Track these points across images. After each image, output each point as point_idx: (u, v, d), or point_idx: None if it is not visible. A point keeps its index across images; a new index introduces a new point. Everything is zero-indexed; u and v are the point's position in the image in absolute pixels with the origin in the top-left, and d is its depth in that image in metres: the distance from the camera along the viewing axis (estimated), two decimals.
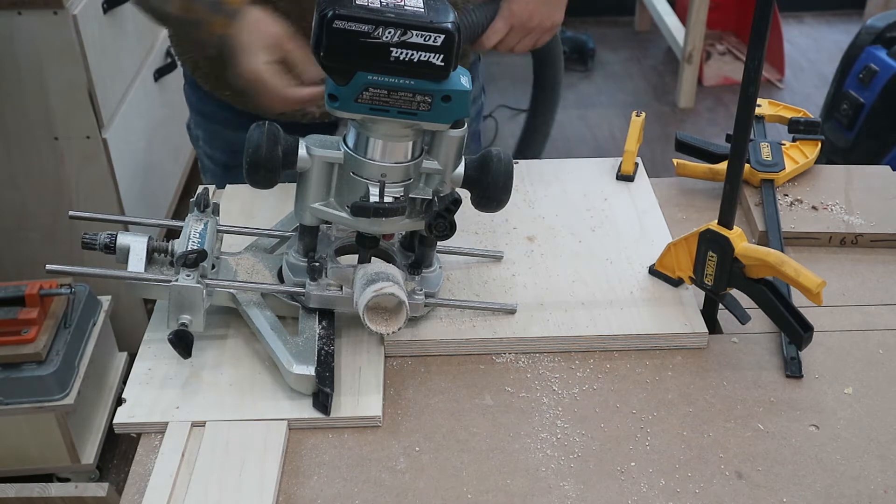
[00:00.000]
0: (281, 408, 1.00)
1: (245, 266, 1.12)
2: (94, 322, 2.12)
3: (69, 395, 1.96)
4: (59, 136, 2.10)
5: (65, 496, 1.90)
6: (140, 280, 1.04)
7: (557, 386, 1.05)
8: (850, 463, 0.96)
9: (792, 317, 1.04)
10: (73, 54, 2.00)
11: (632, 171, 1.38)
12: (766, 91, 3.76)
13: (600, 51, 4.11)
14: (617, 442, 0.99)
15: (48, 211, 2.19)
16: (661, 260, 1.17)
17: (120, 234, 1.06)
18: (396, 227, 1.06)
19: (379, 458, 0.97)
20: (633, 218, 1.30)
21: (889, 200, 1.35)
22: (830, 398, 1.04)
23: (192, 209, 1.11)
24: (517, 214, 1.30)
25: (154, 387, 1.03)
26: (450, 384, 1.06)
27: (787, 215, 1.31)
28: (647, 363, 1.08)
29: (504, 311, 1.13)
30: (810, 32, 4.32)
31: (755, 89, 0.96)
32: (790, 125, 1.44)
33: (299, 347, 1.02)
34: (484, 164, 1.05)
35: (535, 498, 0.93)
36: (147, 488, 0.92)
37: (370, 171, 1.00)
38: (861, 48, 2.76)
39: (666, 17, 3.90)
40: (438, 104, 0.96)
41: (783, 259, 1.03)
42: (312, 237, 1.08)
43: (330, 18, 0.90)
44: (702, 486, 0.94)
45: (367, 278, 1.02)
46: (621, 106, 3.73)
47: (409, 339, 1.09)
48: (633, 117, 1.40)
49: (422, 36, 0.91)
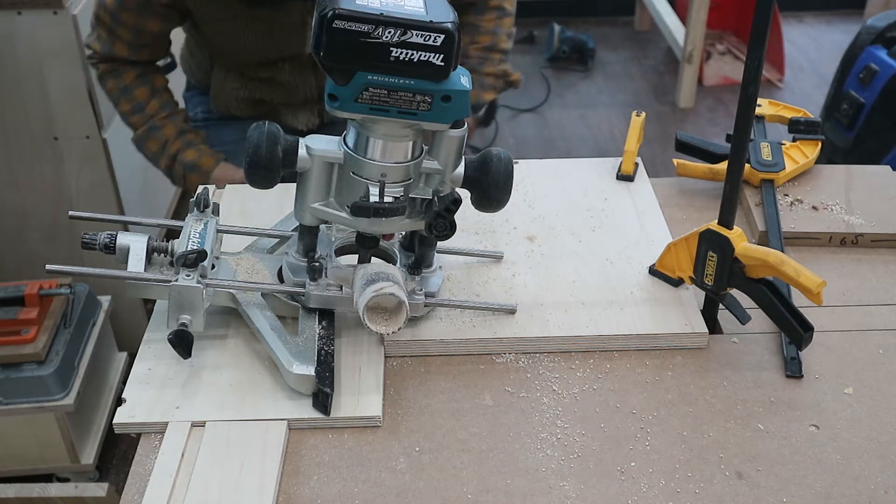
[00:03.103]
0: (281, 408, 1.00)
1: (245, 266, 1.12)
2: (93, 322, 2.12)
3: (69, 395, 1.96)
4: (59, 137, 2.10)
5: (64, 496, 1.90)
6: (140, 280, 1.04)
7: (557, 386, 1.05)
8: (850, 463, 0.96)
9: (792, 317, 1.04)
10: (73, 54, 2.00)
11: (632, 171, 1.38)
12: (766, 91, 3.76)
13: (600, 51, 4.11)
14: (617, 442, 0.98)
15: (48, 211, 2.19)
16: (661, 260, 1.17)
17: (120, 234, 1.06)
18: (396, 227, 1.06)
19: (379, 458, 0.97)
20: (633, 218, 1.30)
21: (889, 200, 1.34)
22: (830, 398, 1.04)
23: (192, 209, 1.11)
24: (517, 214, 1.30)
25: (154, 387, 1.03)
26: (450, 384, 1.06)
27: (788, 215, 1.31)
28: (647, 363, 1.08)
29: (504, 311, 1.13)
30: (810, 32, 4.32)
31: (755, 89, 0.96)
32: (790, 125, 1.44)
33: (299, 347, 1.02)
34: (484, 164, 1.05)
35: (535, 498, 0.93)
36: (147, 488, 0.92)
37: (370, 171, 1.00)
38: (861, 48, 2.76)
39: (666, 17, 3.90)
40: (438, 104, 0.96)
41: (783, 259, 1.03)
42: (312, 237, 1.08)
43: (330, 18, 0.90)
44: (702, 486, 0.94)
45: (367, 278, 1.02)
46: (621, 106, 3.72)
47: (409, 339, 1.09)
48: (633, 117, 1.40)
49: (422, 36, 0.91)
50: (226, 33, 1.64)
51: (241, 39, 1.63)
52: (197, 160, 1.67)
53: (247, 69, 1.71)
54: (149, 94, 1.69)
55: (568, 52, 3.99)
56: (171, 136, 1.68)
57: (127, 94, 1.68)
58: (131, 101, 1.68)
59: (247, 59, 1.68)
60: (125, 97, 1.69)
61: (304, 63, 1.69)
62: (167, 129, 1.68)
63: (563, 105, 3.74)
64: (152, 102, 1.69)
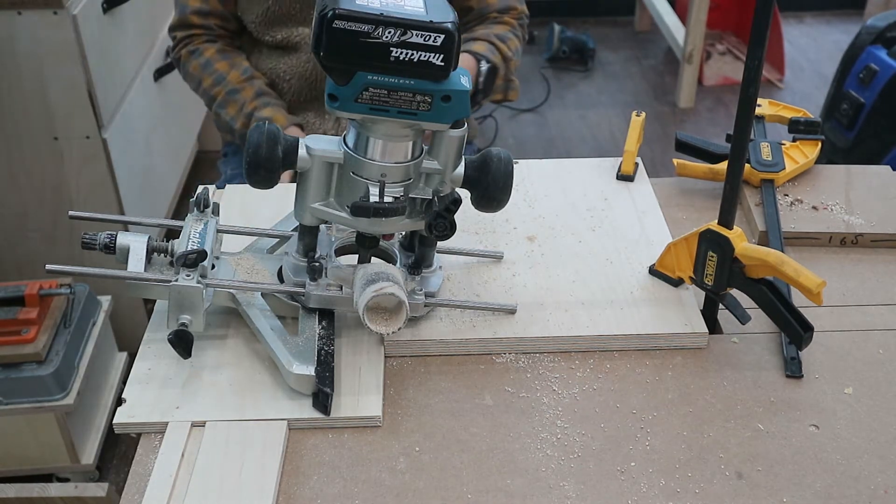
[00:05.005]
0: (281, 408, 1.00)
1: (245, 266, 1.12)
2: (93, 322, 2.12)
3: (69, 395, 1.96)
4: (59, 136, 2.09)
5: (64, 496, 1.90)
6: (140, 280, 1.04)
7: (557, 386, 1.05)
8: (850, 463, 0.96)
9: (792, 317, 1.04)
10: (72, 54, 2.00)
11: (632, 171, 1.38)
12: (766, 91, 3.76)
13: (600, 51, 4.11)
14: (617, 442, 0.98)
15: (48, 211, 2.19)
16: (661, 260, 1.17)
17: (120, 234, 1.06)
18: (396, 227, 1.06)
19: (379, 458, 0.97)
20: (633, 218, 1.30)
21: (889, 200, 1.35)
22: (830, 398, 1.04)
23: (192, 209, 1.11)
24: (517, 214, 1.30)
25: (154, 387, 1.03)
26: (450, 384, 1.06)
27: (788, 215, 1.31)
28: (647, 363, 1.08)
29: (504, 311, 1.13)
30: (810, 32, 4.32)
31: (755, 89, 0.96)
32: (790, 125, 1.44)
33: (299, 347, 1.02)
34: (484, 164, 1.05)
35: (535, 498, 0.93)
36: (147, 488, 0.92)
37: (370, 171, 1.00)
38: (861, 48, 2.76)
39: (666, 17, 3.90)
40: (438, 104, 0.96)
41: (783, 259, 1.03)
42: (312, 237, 1.08)
43: (330, 18, 0.90)
44: (702, 486, 0.94)
45: (367, 278, 1.02)
46: (621, 106, 3.72)
47: (409, 339, 1.09)
48: (633, 117, 1.40)
49: (422, 36, 0.91)
50: None
51: None
52: (271, 116, 1.68)
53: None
54: (228, 66, 1.72)
55: (568, 52, 3.99)
56: (248, 97, 1.70)
57: (209, 69, 1.72)
58: (213, 74, 1.72)
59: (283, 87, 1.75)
60: (207, 72, 1.72)
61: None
62: (245, 91, 1.70)
63: (563, 105, 3.74)
64: (233, 73, 1.72)
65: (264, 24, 1.72)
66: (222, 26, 1.75)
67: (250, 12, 1.72)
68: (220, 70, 1.72)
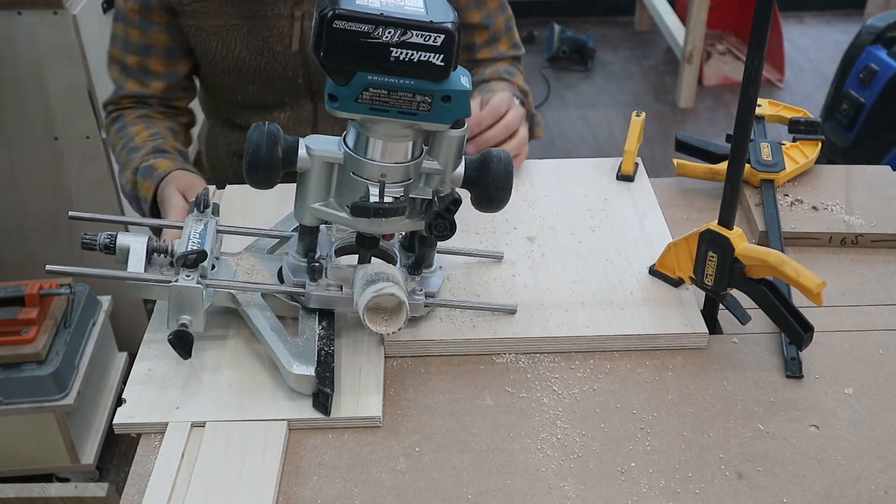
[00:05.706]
0: (281, 408, 1.00)
1: (245, 266, 1.12)
2: (93, 322, 2.12)
3: (69, 395, 1.96)
4: (58, 136, 2.10)
5: (64, 496, 1.90)
6: (140, 280, 1.04)
7: (557, 386, 1.05)
8: (850, 463, 0.96)
9: (792, 317, 1.04)
10: (72, 54, 2.00)
11: (632, 171, 1.38)
12: (766, 91, 3.76)
13: (600, 51, 4.12)
14: (617, 442, 0.98)
15: (48, 211, 2.20)
16: (661, 260, 1.17)
17: (120, 235, 1.06)
18: (396, 228, 1.06)
19: (379, 459, 0.97)
20: (633, 218, 1.30)
21: (889, 200, 1.34)
22: (831, 398, 1.04)
23: (192, 209, 1.11)
24: (517, 214, 1.30)
25: (154, 387, 1.03)
26: (450, 384, 1.06)
27: (788, 215, 1.31)
28: (647, 363, 1.08)
29: (504, 311, 1.13)
30: (810, 32, 4.32)
31: (755, 89, 0.96)
32: (790, 125, 1.44)
33: (299, 348, 1.02)
34: (484, 164, 1.05)
35: (535, 498, 0.93)
36: (147, 488, 0.92)
37: (370, 171, 1.00)
38: (861, 48, 2.76)
39: (666, 17, 3.90)
40: (438, 104, 0.96)
41: (783, 259, 1.03)
42: (312, 237, 1.08)
43: (330, 18, 0.90)
44: (702, 486, 0.94)
45: (367, 278, 1.02)
46: (621, 106, 3.73)
47: (409, 340, 1.09)
48: (633, 117, 1.40)
49: (422, 36, 0.91)
50: (217, 44, 1.50)
51: (232, 52, 1.50)
52: (153, 163, 1.38)
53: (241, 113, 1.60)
54: (143, 128, 1.47)
55: (568, 52, 3.99)
56: (143, 154, 1.42)
57: (121, 132, 1.48)
58: (123, 137, 1.47)
59: (240, 92, 1.56)
60: (118, 135, 1.48)
61: (304, 116, 1.58)
62: (144, 148, 1.43)
63: (563, 105, 3.74)
64: (142, 134, 1.46)
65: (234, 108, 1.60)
66: (163, 105, 1.54)
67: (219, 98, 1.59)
68: (130, 132, 1.46)
